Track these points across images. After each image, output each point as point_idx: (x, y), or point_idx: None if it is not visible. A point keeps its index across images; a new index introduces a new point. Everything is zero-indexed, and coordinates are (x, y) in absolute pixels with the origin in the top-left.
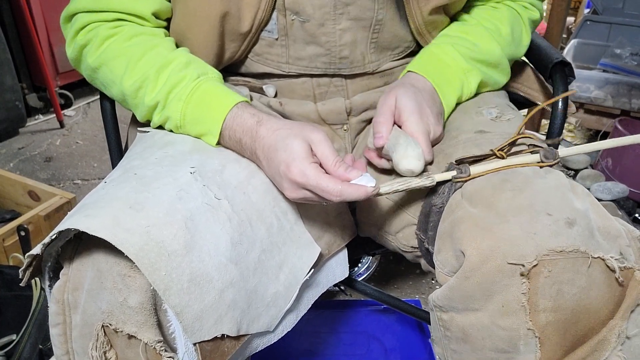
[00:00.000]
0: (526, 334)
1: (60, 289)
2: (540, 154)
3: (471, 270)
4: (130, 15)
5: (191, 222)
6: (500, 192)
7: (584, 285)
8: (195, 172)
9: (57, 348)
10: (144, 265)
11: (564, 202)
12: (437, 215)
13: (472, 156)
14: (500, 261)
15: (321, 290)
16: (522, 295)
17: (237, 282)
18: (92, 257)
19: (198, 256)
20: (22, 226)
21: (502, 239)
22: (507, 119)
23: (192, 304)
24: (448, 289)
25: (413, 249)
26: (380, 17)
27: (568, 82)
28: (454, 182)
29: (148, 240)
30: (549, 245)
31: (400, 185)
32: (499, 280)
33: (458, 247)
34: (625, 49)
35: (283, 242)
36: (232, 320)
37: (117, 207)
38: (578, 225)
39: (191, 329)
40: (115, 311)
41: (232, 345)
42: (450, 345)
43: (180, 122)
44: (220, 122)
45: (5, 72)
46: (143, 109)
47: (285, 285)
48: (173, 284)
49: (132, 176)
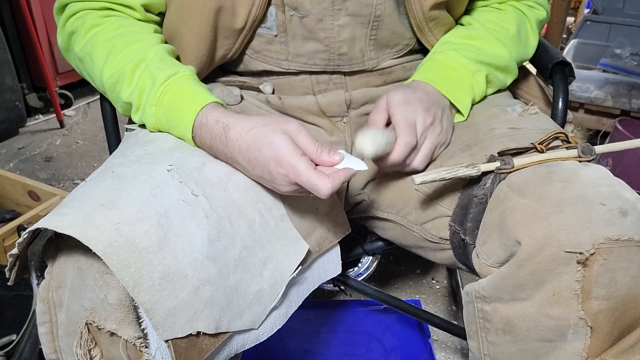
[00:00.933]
0: (576, 322)
1: (45, 288)
2: (578, 149)
3: (526, 258)
4: (119, 5)
5: (165, 219)
6: (549, 183)
7: (635, 274)
8: (172, 170)
9: (46, 347)
10: (112, 262)
11: (614, 192)
12: (477, 206)
13: (513, 148)
14: (556, 249)
15: (311, 287)
16: (575, 282)
17: (215, 279)
18: (73, 255)
19: (172, 253)
20: (22, 226)
21: (558, 228)
22: (535, 112)
23: (163, 300)
24: (498, 278)
25: (441, 240)
26: (378, 13)
27: (568, 82)
28: (497, 174)
29: (118, 237)
30: (605, 233)
31: (448, 174)
32: (552, 269)
33: (512, 237)
34: (625, 49)
35: (267, 239)
36: (209, 317)
37: (89, 205)
38: (631, 215)
39: (162, 326)
40: (97, 308)
41: (211, 342)
42: (489, 337)
43: (158, 126)
44: (189, 128)
45: (5, 72)
46: (121, 103)
47: (270, 283)
48: (143, 280)
49: (109, 174)
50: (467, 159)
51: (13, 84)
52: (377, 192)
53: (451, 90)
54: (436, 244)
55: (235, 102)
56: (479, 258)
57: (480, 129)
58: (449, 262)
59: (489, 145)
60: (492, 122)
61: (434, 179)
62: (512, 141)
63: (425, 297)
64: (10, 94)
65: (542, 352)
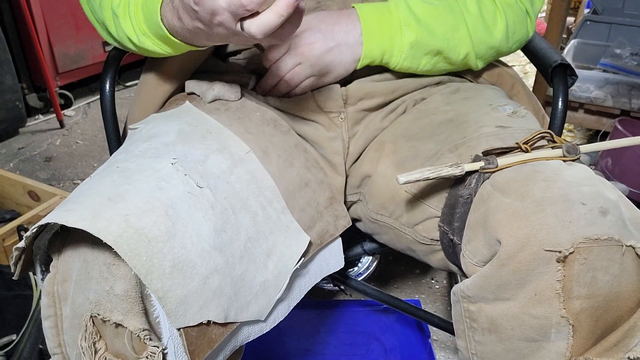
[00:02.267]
0: (559, 321)
1: (50, 281)
2: (562, 149)
3: (507, 258)
4: None
5: (172, 210)
6: (533, 182)
7: (617, 273)
8: (176, 163)
9: (50, 340)
10: (124, 251)
11: (596, 192)
12: (463, 206)
13: (498, 148)
14: (537, 249)
15: (314, 280)
16: (556, 282)
17: (222, 269)
18: (79, 248)
19: (180, 242)
20: (22, 226)
21: (538, 227)
22: (523, 115)
23: (175, 288)
24: (481, 278)
25: (432, 242)
26: None
27: (571, 82)
28: (481, 173)
29: (127, 228)
30: (584, 233)
31: (431, 173)
32: (534, 268)
33: (493, 236)
34: (625, 49)
35: (270, 231)
36: (218, 307)
37: (96, 200)
38: (611, 214)
39: (175, 314)
40: (102, 300)
41: (220, 332)
42: (475, 336)
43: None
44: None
45: (5, 72)
46: (109, 15)
47: (274, 274)
48: (154, 268)
49: (114, 170)
50: (455, 159)
51: (13, 84)
52: (370, 194)
53: (372, 26)
54: (428, 245)
55: (236, 97)
56: (464, 257)
57: (470, 127)
58: (441, 265)
59: (476, 145)
60: (482, 119)
61: (418, 179)
62: (499, 140)
63: (425, 297)
64: (10, 94)
65: (527, 351)
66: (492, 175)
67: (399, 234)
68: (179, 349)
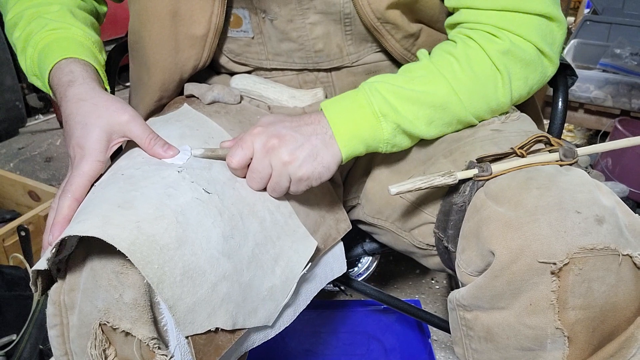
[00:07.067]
0: (554, 332)
1: (56, 291)
2: (559, 153)
3: (501, 269)
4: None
5: (182, 216)
6: (526, 190)
7: (613, 283)
8: (182, 171)
9: (56, 349)
10: (137, 259)
11: (591, 199)
12: (457, 214)
13: (492, 154)
14: (531, 260)
15: (320, 285)
16: (551, 293)
17: (231, 275)
18: (86, 258)
19: (190, 249)
20: (22, 226)
21: (532, 238)
22: (516, 117)
23: (184, 297)
24: (475, 288)
25: (428, 247)
26: (347, 11)
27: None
28: (475, 181)
29: (139, 235)
30: (579, 243)
31: (423, 183)
32: (528, 279)
33: (487, 247)
34: (625, 49)
35: (277, 236)
36: (226, 314)
37: (105, 207)
38: (607, 222)
39: (183, 322)
40: (112, 308)
41: (227, 339)
42: (472, 344)
43: (33, 68)
44: (49, 66)
45: (5, 72)
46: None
47: (282, 279)
48: (166, 277)
49: (119, 177)
50: (449, 165)
51: (13, 84)
52: (367, 198)
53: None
54: (424, 250)
55: (235, 101)
56: (459, 267)
57: (464, 130)
58: (438, 268)
59: (470, 150)
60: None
61: (410, 189)
62: (494, 144)
63: (425, 297)
64: (10, 94)
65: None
66: (486, 182)
67: (396, 237)
68: (186, 356)
